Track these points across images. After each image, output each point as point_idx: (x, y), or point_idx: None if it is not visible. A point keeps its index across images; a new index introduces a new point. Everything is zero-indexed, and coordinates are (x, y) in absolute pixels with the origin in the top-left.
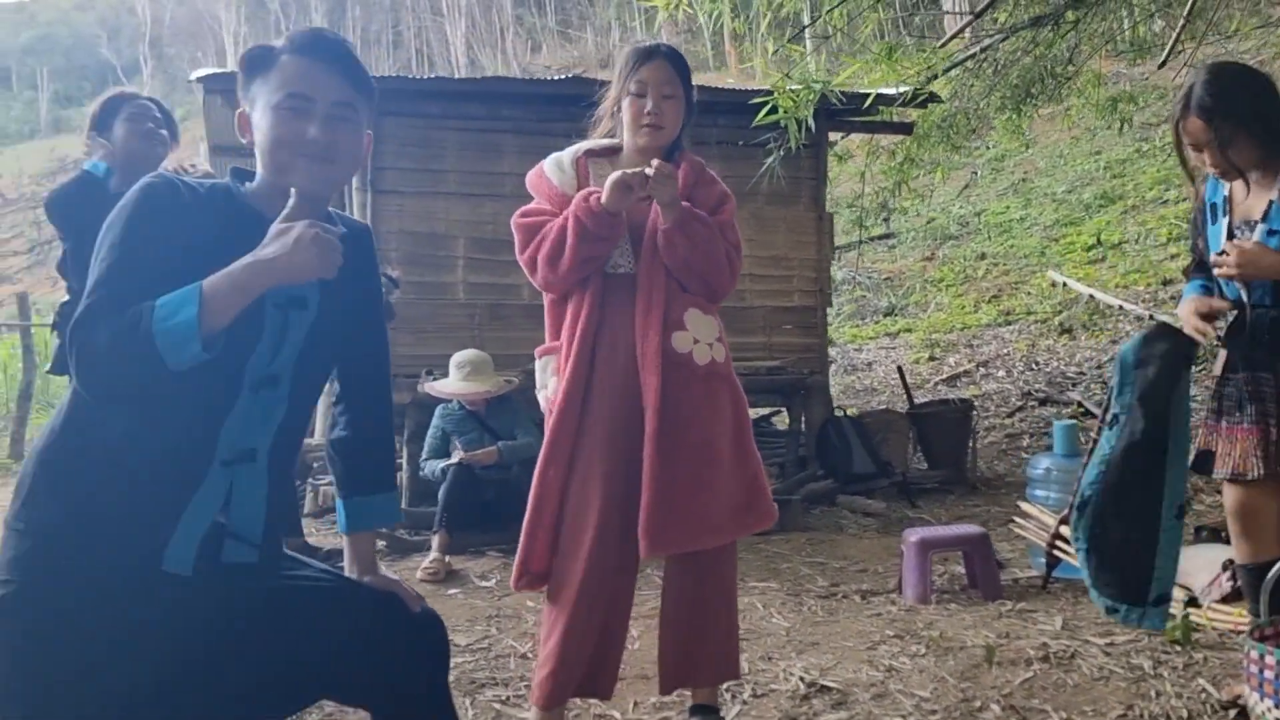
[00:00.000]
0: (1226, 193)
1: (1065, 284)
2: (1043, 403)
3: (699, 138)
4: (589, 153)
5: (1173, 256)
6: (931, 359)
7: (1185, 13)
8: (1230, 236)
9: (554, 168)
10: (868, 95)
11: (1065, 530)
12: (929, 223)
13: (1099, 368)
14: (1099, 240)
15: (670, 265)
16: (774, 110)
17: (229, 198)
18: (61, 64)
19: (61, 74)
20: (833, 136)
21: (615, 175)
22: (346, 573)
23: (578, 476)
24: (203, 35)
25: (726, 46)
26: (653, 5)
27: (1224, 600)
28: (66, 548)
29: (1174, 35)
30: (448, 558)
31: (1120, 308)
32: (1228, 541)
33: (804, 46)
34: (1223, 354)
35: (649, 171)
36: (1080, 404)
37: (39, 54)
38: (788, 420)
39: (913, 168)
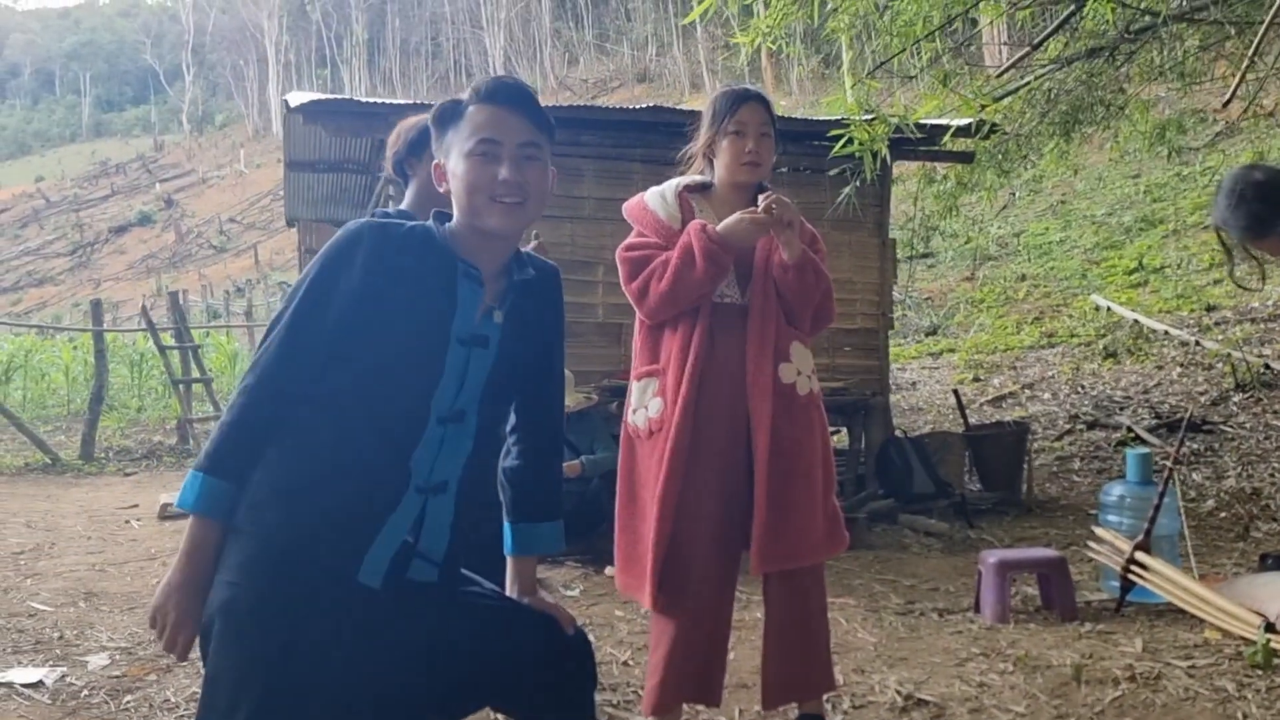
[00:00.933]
0: None
1: (1109, 308)
2: (1090, 426)
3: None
4: (686, 188)
5: (1215, 282)
6: (976, 380)
7: (1250, 52)
8: None
9: (657, 201)
10: (933, 126)
11: (1140, 556)
12: (967, 242)
13: (1145, 392)
14: (1141, 264)
15: (792, 297)
16: (849, 142)
17: (428, 239)
18: (104, 69)
19: (104, 79)
20: (899, 168)
21: (744, 214)
22: (508, 592)
23: (690, 496)
24: (245, 43)
25: (764, 63)
26: (739, 42)
27: None
28: (283, 554)
29: (1238, 78)
30: None
31: (1165, 333)
32: None
33: (867, 77)
34: None
35: (769, 206)
36: (1130, 429)
37: (83, 59)
38: (846, 440)
39: (964, 192)
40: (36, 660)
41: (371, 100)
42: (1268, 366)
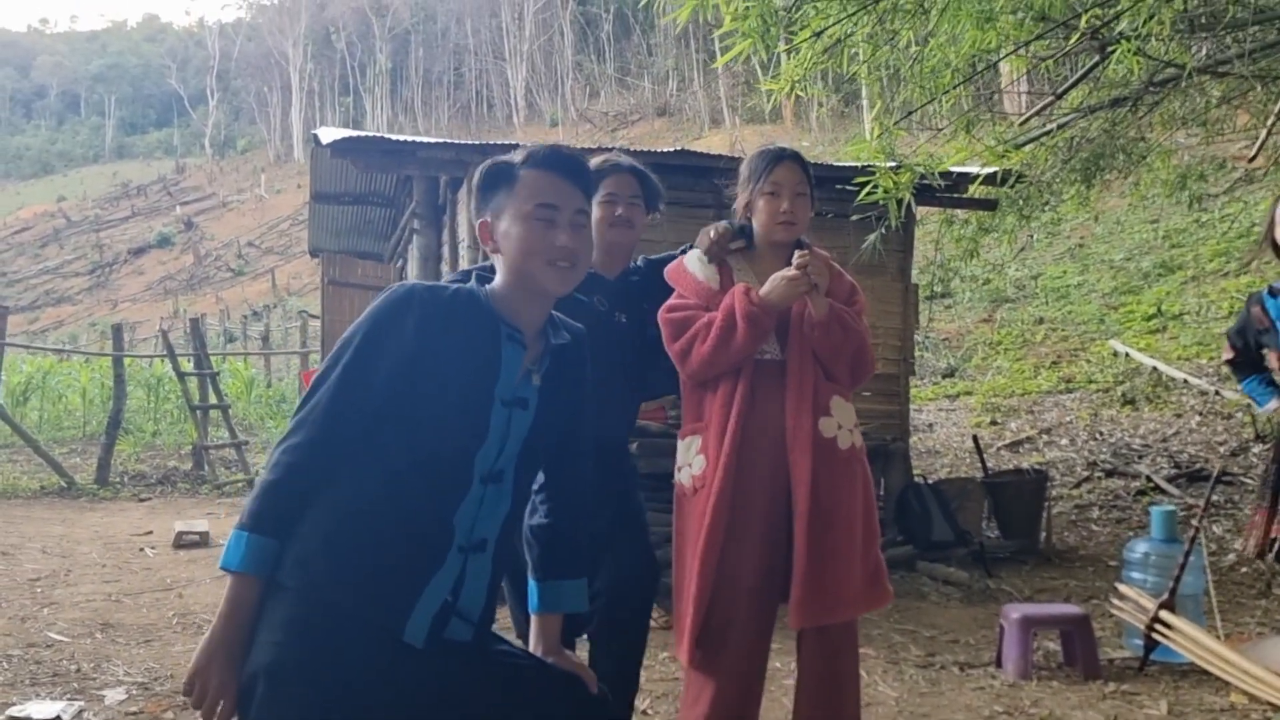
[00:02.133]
0: None
1: (1128, 354)
2: (1109, 474)
3: None
4: (725, 248)
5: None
6: (993, 423)
7: (1277, 109)
8: None
9: (696, 263)
10: (958, 174)
11: (1165, 615)
12: (985, 284)
13: (1164, 441)
14: (1159, 310)
15: (822, 354)
16: (874, 189)
17: (474, 302)
18: (129, 92)
19: (128, 102)
20: (920, 210)
21: (780, 275)
22: (532, 649)
23: (731, 551)
24: (269, 70)
25: (784, 102)
26: (770, 89)
27: None
28: (330, 612)
29: (1265, 132)
30: None
31: (1185, 381)
32: None
33: (894, 126)
34: None
35: (803, 264)
36: (1149, 478)
37: (108, 81)
38: None
39: (983, 235)
40: (54, 693)
41: (400, 139)
42: None
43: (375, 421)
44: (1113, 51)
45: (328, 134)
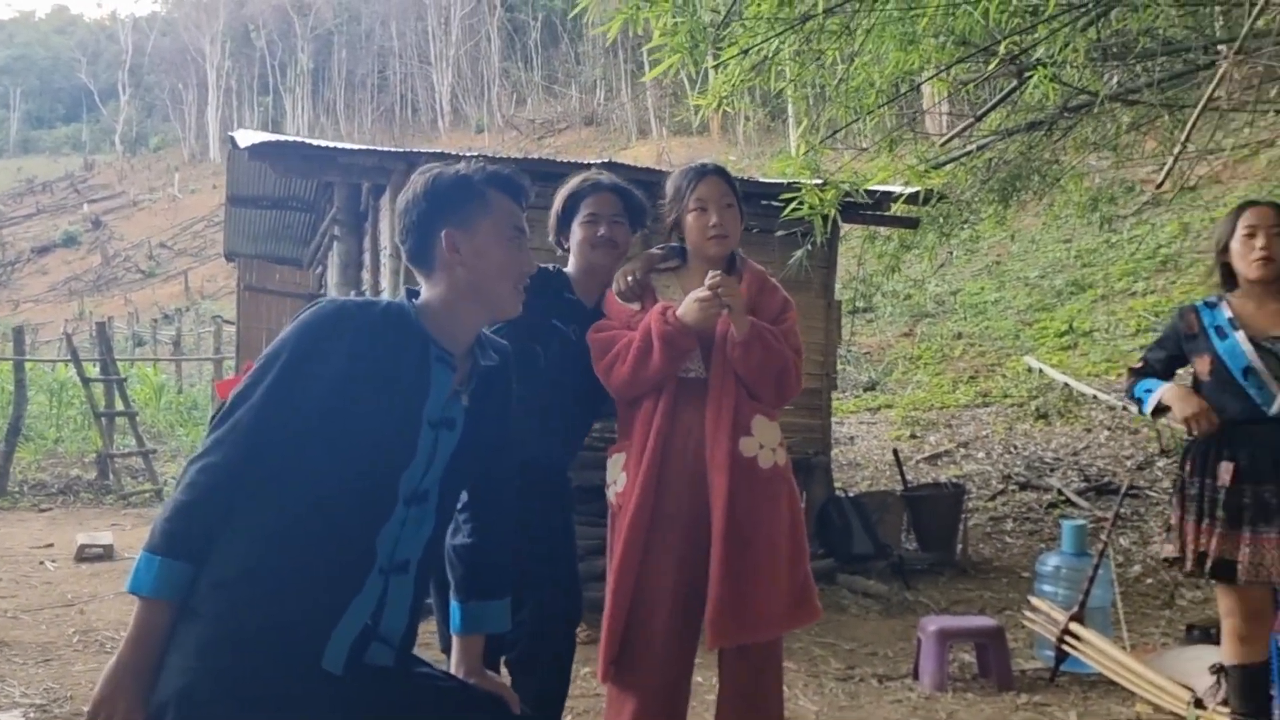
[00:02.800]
0: (1229, 314)
1: (1041, 370)
2: (1023, 487)
3: None
4: (656, 268)
5: (1142, 347)
6: (913, 436)
7: (1184, 137)
8: (1257, 348)
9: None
10: (881, 192)
11: (1074, 627)
12: (906, 299)
13: (1074, 455)
14: (1071, 327)
15: (743, 374)
16: (799, 205)
17: (405, 320)
18: (36, 85)
19: (35, 95)
20: (844, 227)
21: (693, 296)
22: (453, 671)
23: (649, 570)
24: (185, 66)
25: (711, 114)
26: (698, 104)
27: (1226, 702)
28: (246, 639)
29: (1171, 159)
30: None
31: (1094, 397)
32: (1216, 641)
33: (820, 144)
34: (1228, 465)
35: (711, 285)
36: (1060, 491)
37: (14, 74)
38: None
39: (904, 252)
40: None
41: (321, 144)
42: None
43: (300, 442)
44: (1029, 77)
45: (246, 137)
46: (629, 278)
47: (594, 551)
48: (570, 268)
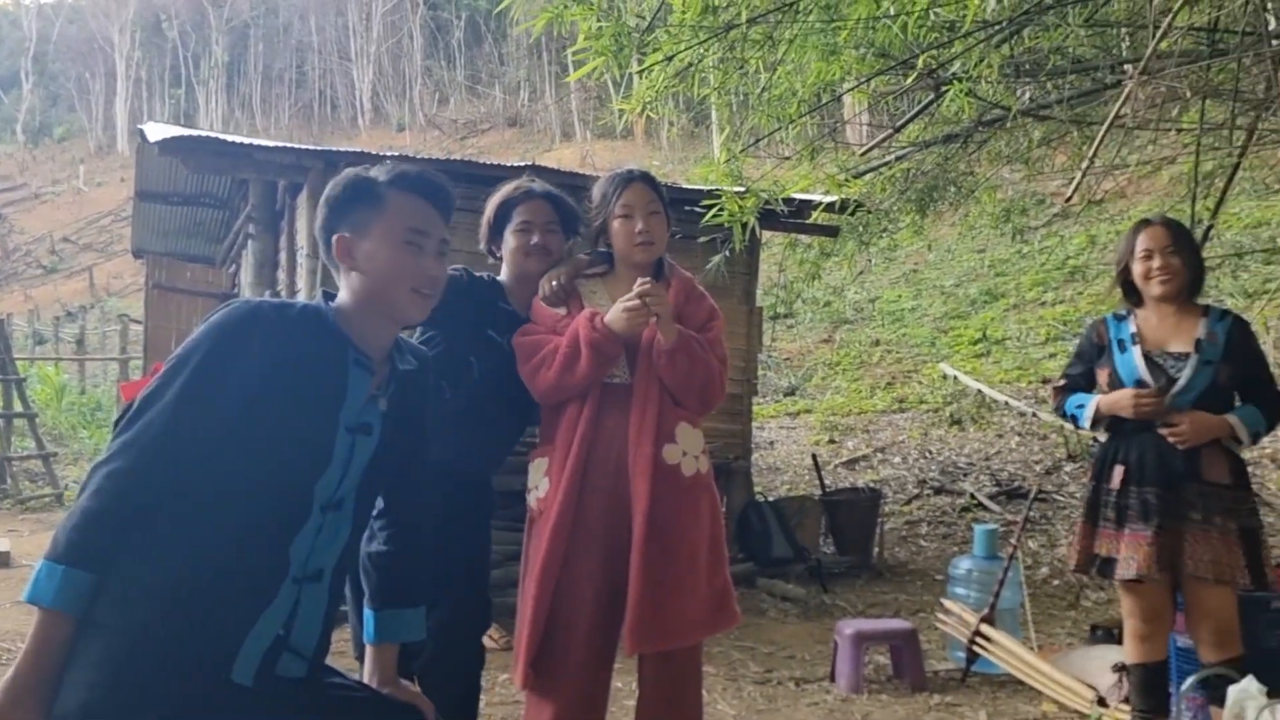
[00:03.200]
0: (1134, 328)
1: (956, 377)
2: (937, 491)
3: None
4: (583, 274)
5: (1051, 355)
6: (831, 441)
7: (1090, 153)
8: (1149, 362)
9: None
10: (802, 200)
11: (985, 629)
12: (826, 306)
13: (987, 460)
14: (984, 335)
15: (668, 382)
16: (719, 212)
17: (322, 322)
18: None
19: None
20: (765, 234)
21: (620, 304)
22: (366, 680)
23: (570, 575)
24: (92, 55)
25: (635, 119)
26: (622, 108)
27: (1127, 700)
28: (153, 653)
29: (1080, 174)
30: None
31: (1006, 403)
32: (1118, 641)
33: (741, 153)
34: (1119, 468)
35: (639, 294)
36: (973, 495)
37: None
38: None
39: (825, 259)
40: None
41: (235, 140)
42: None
43: (212, 447)
44: (946, 91)
45: (156, 130)
46: (554, 282)
47: (511, 557)
48: (504, 276)
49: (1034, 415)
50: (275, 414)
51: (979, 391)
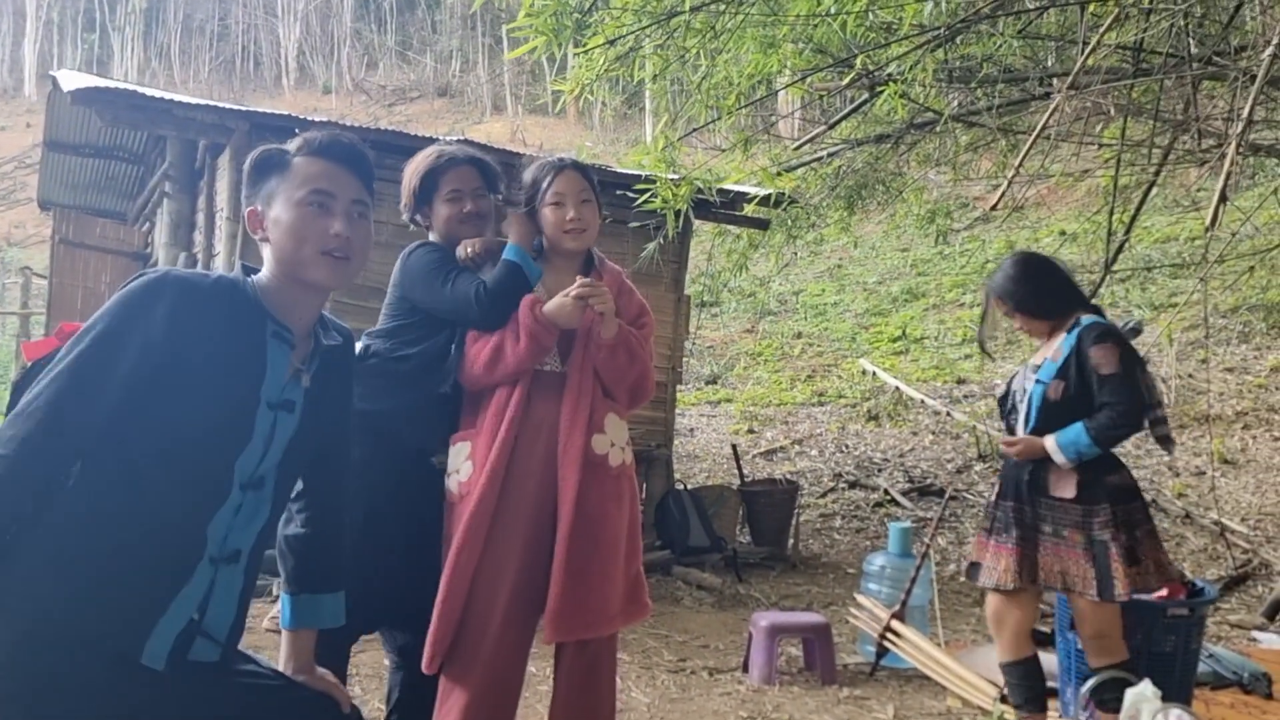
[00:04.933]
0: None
1: (875, 373)
2: (852, 485)
3: None
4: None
5: (966, 356)
6: (750, 431)
7: (1018, 163)
8: (1026, 380)
9: None
10: (734, 191)
11: (896, 624)
12: (750, 296)
13: (901, 456)
14: (904, 333)
15: (605, 376)
16: (652, 198)
17: (237, 293)
18: None
19: None
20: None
21: (565, 295)
22: (282, 668)
23: (489, 561)
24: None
25: (567, 97)
26: (559, 89)
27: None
28: (57, 635)
29: (1006, 182)
30: None
31: (922, 401)
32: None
33: (676, 142)
34: (999, 483)
35: (581, 294)
36: (886, 491)
37: None
38: None
39: (753, 251)
40: None
41: (155, 95)
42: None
43: (114, 419)
44: (881, 91)
45: (70, 79)
46: (470, 249)
47: None
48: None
49: (948, 414)
50: (187, 387)
51: (896, 388)
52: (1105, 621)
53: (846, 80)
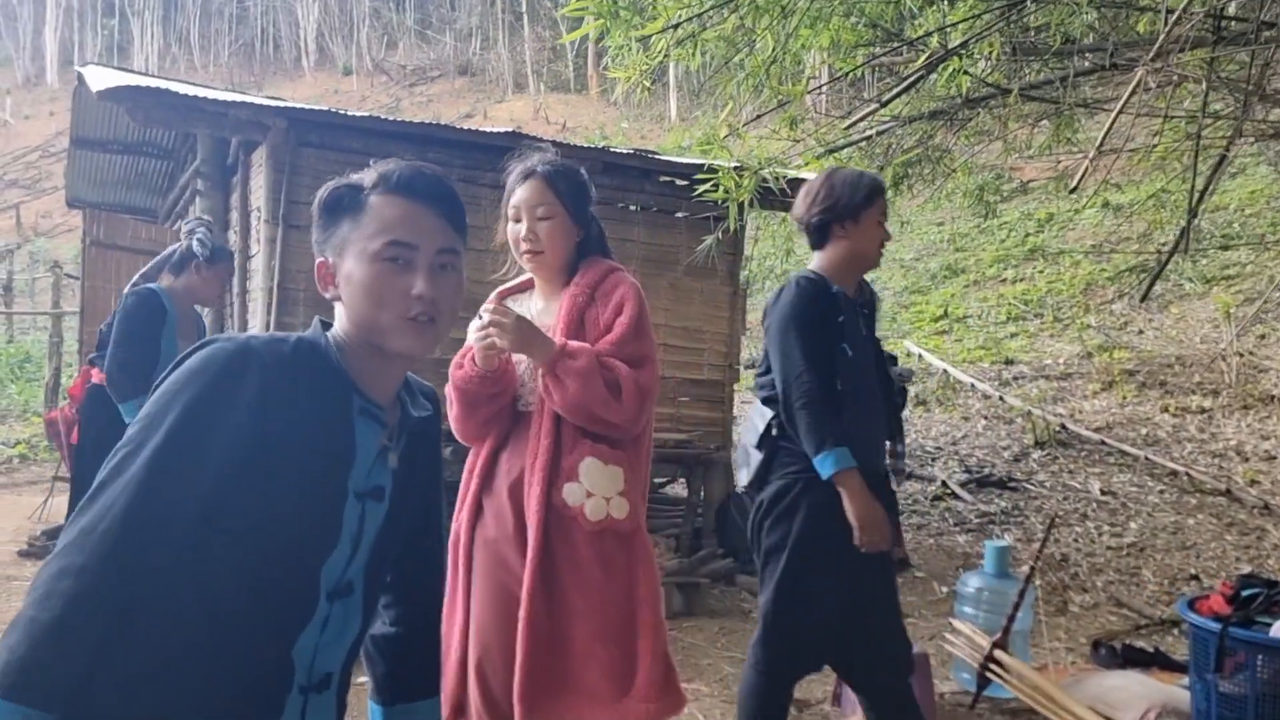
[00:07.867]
0: None
1: (920, 355)
2: (909, 477)
3: (625, 201)
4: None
5: (1012, 335)
6: None
7: (1098, 146)
8: None
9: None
10: (791, 178)
11: (999, 654)
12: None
13: (954, 444)
14: (946, 312)
15: (558, 409)
16: (713, 188)
17: (323, 362)
18: None
19: None
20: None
21: (476, 335)
22: None
23: (475, 638)
24: None
25: (589, 71)
26: (617, 76)
27: None
28: None
29: (1086, 163)
30: None
31: (971, 385)
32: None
33: (742, 128)
34: None
35: (483, 319)
36: (944, 484)
37: None
38: (686, 490)
39: (799, 234)
40: None
41: (191, 94)
42: (1064, 426)
43: (197, 531)
44: (945, 66)
45: (98, 77)
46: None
47: None
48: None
49: (1000, 399)
50: (274, 482)
51: (944, 371)
52: None
53: (922, 60)
